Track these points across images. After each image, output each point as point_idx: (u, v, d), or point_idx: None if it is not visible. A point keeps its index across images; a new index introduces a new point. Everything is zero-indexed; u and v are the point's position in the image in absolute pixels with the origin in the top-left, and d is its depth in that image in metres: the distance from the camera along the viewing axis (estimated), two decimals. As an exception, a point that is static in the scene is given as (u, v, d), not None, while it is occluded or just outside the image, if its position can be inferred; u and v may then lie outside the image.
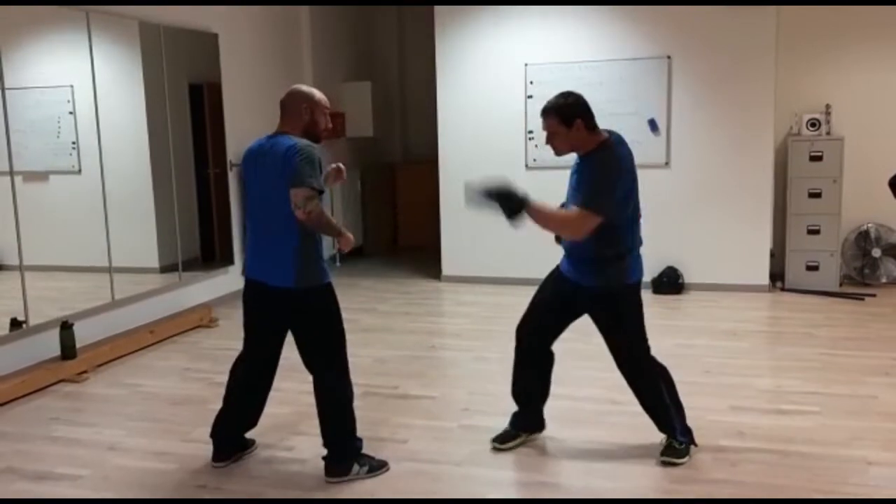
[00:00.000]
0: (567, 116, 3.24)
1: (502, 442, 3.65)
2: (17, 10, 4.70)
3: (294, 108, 3.34)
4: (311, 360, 3.37)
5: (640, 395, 3.47)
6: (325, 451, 3.39)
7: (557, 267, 3.53)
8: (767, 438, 3.66)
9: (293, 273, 3.23)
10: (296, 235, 3.22)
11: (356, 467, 3.39)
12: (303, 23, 7.86)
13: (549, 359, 3.63)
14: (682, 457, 3.40)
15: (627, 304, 3.38)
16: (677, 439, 3.42)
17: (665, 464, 3.38)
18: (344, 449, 3.40)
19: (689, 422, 3.47)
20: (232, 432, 3.58)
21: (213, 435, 3.55)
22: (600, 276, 3.32)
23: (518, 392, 3.69)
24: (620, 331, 3.41)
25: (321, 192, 3.19)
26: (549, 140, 3.31)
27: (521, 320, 3.60)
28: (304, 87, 3.41)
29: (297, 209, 3.12)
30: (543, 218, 3.24)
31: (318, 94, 3.40)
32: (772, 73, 6.51)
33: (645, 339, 3.43)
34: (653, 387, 3.43)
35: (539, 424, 3.73)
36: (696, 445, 3.48)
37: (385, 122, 9.11)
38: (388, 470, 3.44)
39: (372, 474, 3.40)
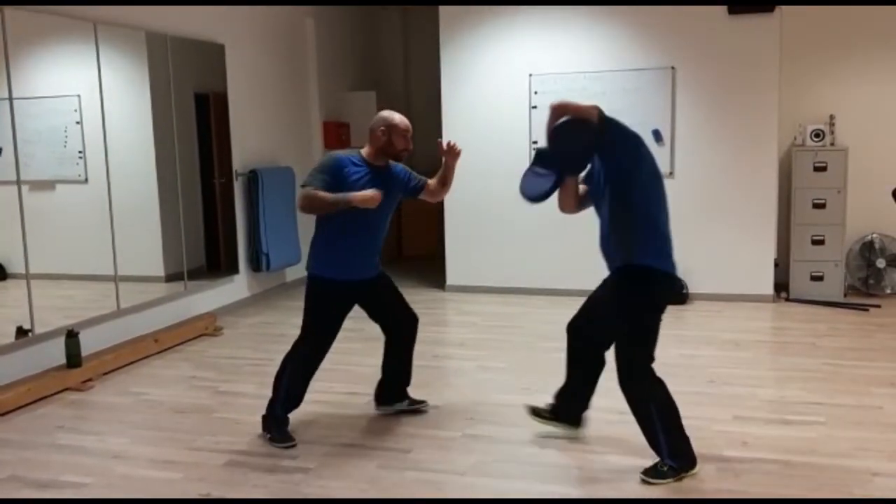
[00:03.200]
0: None
1: (535, 413, 3.89)
2: (25, 20, 4.74)
3: (373, 130, 3.80)
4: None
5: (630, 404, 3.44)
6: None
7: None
8: (772, 449, 3.66)
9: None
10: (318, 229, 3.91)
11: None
12: (308, 33, 7.90)
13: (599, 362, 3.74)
14: (661, 479, 3.33)
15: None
16: (663, 461, 3.36)
17: (643, 482, 3.33)
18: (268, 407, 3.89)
19: (693, 432, 3.44)
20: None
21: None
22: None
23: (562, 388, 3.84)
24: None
25: (314, 187, 3.63)
26: None
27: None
28: (386, 112, 3.85)
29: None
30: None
31: (397, 117, 3.79)
32: (776, 84, 6.52)
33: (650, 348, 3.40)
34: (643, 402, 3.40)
35: (576, 420, 3.86)
36: (688, 471, 3.36)
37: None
38: (293, 447, 3.74)
39: (273, 444, 3.77)
